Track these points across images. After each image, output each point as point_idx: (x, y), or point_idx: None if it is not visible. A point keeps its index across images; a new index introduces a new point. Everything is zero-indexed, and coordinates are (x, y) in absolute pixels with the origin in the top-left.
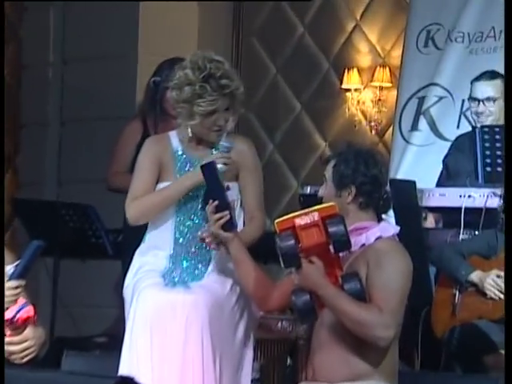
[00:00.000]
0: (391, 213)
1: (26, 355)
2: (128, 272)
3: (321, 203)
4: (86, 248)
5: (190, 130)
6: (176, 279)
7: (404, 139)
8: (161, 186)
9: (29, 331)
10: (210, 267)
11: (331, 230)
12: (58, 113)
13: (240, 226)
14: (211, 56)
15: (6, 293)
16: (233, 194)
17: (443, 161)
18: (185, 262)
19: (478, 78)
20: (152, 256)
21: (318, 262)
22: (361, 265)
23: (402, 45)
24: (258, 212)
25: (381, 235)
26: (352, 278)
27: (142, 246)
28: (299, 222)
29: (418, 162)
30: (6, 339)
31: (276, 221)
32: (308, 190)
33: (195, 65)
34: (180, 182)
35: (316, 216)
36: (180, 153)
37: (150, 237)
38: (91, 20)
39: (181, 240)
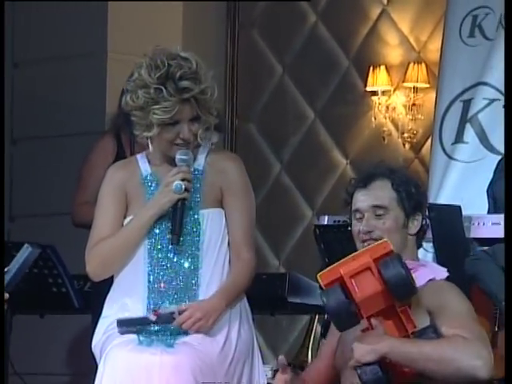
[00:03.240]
0: (430, 247)
1: None
2: (97, 327)
3: (363, 241)
4: (45, 299)
5: (150, 145)
6: (152, 336)
7: (446, 154)
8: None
9: None
10: None
11: (387, 273)
12: (8, 129)
13: (226, 266)
14: (176, 52)
15: None
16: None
17: (487, 191)
18: (160, 302)
19: None
20: (121, 307)
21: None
22: (418, 314)
23: (442, 35)
24: (245, 249)
25: (434, 277)
26: (429, 332)
27: (111, 294)
28: (346, 269)
29: (465, 183)
30: None
31: (319, 274)
32: (326, 219)
33: (153, 63)
34: (140, 214)
35: (367, 258)
36: (150, 178)
37: (117, 283)
38: (46, 16)
39: (156, 285)
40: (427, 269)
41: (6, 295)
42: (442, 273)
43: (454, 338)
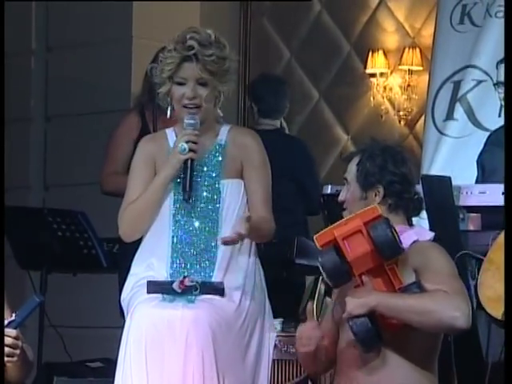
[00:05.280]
0: (424, 214)
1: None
2: (125, 283)
3: (343, 209)
4: (76, 260)
5: (168, 113)
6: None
7: (438, 130)
8: None
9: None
10: (215, 277)
11: (375, 234)
12: (43, 107)
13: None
14: (200, 30)
15: (8, 341)
16: None
17: (477, 161)
18: (185, 271)
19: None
20: (148, 266)
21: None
22: (404, 272)
23: (434, 22)
24: (266, 214)
25: (417, 239)
26: (414, 288)
27: (138, 255)
28: (339, 231)
29: (455, 156)
30: None
31: (315, 236)
32: (329, 189)
33: (178, 39)
34: (157, 176)
35: (357, 222)
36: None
37: (144, 244)
38: (77, 4)
39: (179, 246)
40: (412, 231)
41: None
42: (427, 235)
43: (436, 292)
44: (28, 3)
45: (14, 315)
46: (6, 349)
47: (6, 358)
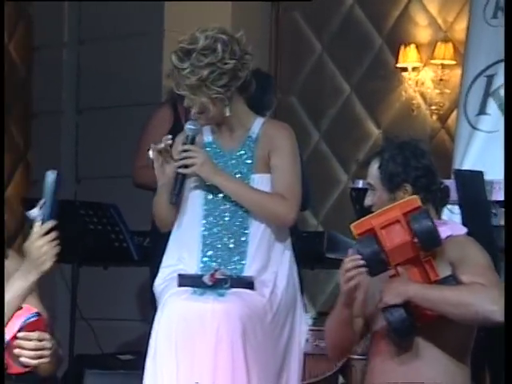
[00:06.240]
0: (456, 209)
1: (40, 356)
2: (158, 274)
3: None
4: (108, 253)
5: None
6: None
7: (470, 125)
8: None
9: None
10: (245, 271)
11: (415, 225)
12: (74, 100)
13: (272, 227)
14: (208, 28)
15: (40, 243)
16: None
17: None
18: (215, 265)
19: None
20: (179, 259)
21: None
22: (440, 265)
23: (468, 16)
24: (282, 195)
25: (451, 234)
26: (450, 280)
27: (169, 248)
28: (377, 221)
29: (487, 151)
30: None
31: (352, 224)
32: (360, 183)
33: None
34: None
35: (397, 212)
36: (210, 143)
37: (175, 237)
38: None
39: (209, 240)
40: (446, 227)
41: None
42: (461, 230)
43: (473, 284)
44: None
45: (37, 209)
46: (32, 352)
47: (35, 361)
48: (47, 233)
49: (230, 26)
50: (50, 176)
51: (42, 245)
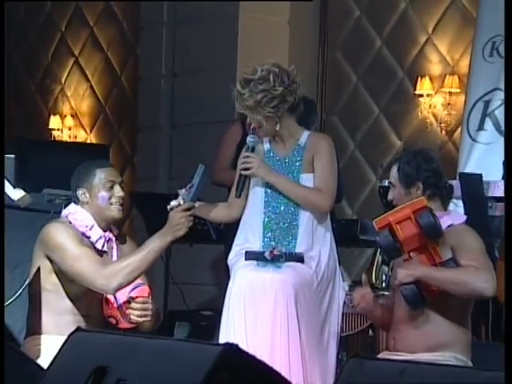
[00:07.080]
0: (460, 203)
1: (145, 315)
2: (231, 251)
3: (393, 207)
4: (193, 234)
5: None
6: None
7: (471, 138)
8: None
9: (147, 299)
10: (297, 248)
11: (421, 221)
12: (170, 118)
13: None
14: (258, 68)
15: (178, 215)
16: None
17: (503, 162)
18: (274, 243)
19: None
20: (246, 239)
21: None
22: (443, 250)
23: (470, 55)
24: (319, 189)
25: (452, 223)
26: (451, 263)
27: (239, 230)
28: (393, 217)
29: (485, 159)
30: (126, 305)
31: (374, 220)
32: (386, 182)
33: None
34: None
35: (407, 210)
36: (268, 151)
37: (243, 222)
38: (196, 37)
39: (269, 224)
40: (448, 217)
41: (196, 204)
42: (461, 218)
43: (469, 267)
44: (159, 33)
45: (184, 189)
46: (138, 312)
47: (140, 319)
48: (188, 209)
49: (287, 61)
50: (201, 168)
51: (181, 216)
